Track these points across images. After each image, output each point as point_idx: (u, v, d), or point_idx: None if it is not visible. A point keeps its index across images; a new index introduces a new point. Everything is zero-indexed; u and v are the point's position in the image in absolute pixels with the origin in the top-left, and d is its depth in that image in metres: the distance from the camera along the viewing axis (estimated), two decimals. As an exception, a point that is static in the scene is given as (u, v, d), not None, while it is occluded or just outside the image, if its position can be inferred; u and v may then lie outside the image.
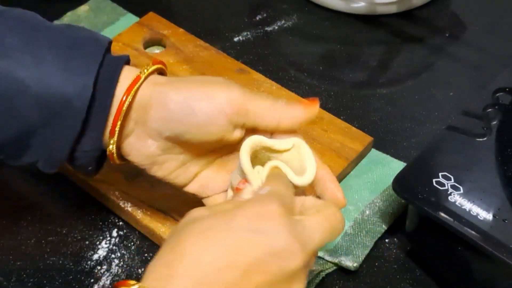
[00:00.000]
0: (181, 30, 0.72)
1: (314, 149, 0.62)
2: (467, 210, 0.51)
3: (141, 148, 0.50)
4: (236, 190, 0.48)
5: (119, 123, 0.48)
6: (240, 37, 0.76)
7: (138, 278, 0.42)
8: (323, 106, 0.66)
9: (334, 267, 0.57)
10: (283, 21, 0.78)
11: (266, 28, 0.77)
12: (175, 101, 0.48)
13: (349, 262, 0.56)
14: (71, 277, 0.56)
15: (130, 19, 0.76)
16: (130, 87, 0.48)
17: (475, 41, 0.76)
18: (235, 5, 0.80)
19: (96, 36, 0.50)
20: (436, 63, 0.74)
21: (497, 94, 0.59)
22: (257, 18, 0.78)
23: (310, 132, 0.63)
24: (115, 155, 0.50)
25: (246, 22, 0.78)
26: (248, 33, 0.76)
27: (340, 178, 0.61)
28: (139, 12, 0.76)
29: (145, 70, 0.49)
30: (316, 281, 0.56)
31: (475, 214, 0.50)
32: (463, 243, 0.50)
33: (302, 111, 0.49)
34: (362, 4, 0.77)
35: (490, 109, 0.58)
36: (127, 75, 0.49)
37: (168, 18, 0.73)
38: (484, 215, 0.50)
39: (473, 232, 0.50)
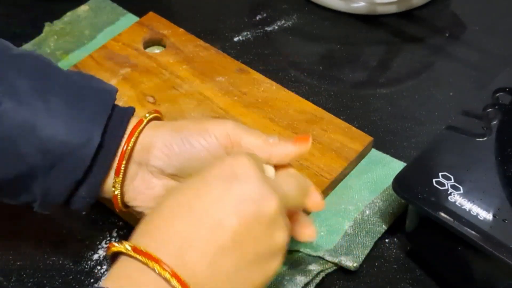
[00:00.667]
0: (181, 30, 0.72)
1: (314, 149, 0.62)
2: (467, 210, 0.51)
3: (147, 189, 0.51)
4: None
5: (124, 162, 0.50)
6: (240, 37, 0.76)
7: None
8: (323, 106, 0.66)
9: (334, 267, 0.57)
10: (283, 21, 0.78)
11: (266, 28, 0.77)
12: (176, 140, 0.50)
13: (349, 262, 0.56)
14: (71, 277, 0.56)
15: (130, 19, 0.76)
16: (133, 130, 0.50)
17: (475, 41, 0.76)
18: (235, 5, 0.80)
19: (105, 86, 0.52)
20: (436, 63, 0.74)
21: (497, 94, 0.59)
22: (257, 18, 0.78)
23: (310, 132, 0.63)
24: (119, 199, 0.51)
25: (246, 22, 0.78)
26: (248, 33, 0.76)
27: (340, 178, 0.62)
28: (139, 12, 0.76)
29: (147, 115, 0.52)
30: (316, 281, 0.56)
31: (475, 214, 0.50)
32: (463, 243, 0.50)
33: (293, 148, 0.51)
34: (362, 4, 0.77)
35: (490, 109, 0.58)
36: (132, 125, 0.51)
37: (168, 18, 0.73)
38: (484, 215, 0.50)
39: (473, 232, 0.50)
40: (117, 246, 0.43)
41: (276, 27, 0.77)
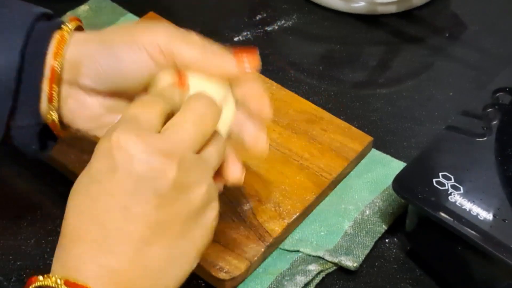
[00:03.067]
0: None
1: (314, 149, 0.62)
2: (467, 210, 0.51)
3: (83, 110, 0.48)
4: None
5: (55, 86, 0.47)
6: (240, 37, 0.76)
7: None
8: (323, 106, 0.66)
9: (334, 267, 0.57)
10: (283, 21, 0.78)
11: (266, 28, 0.77)
12: (103, 55, 0.47)
13: (349, 262, 0.56)
14: (71, 277, 0.56)
15: (130, 19, 0.76)
16: (58, 48, 0.47)
17: (475, 41, 0.76)
18: (235, 5, 0.80)
19: (27, 7, 0.48)
20: (436, 63, 0.74)
21: (497, 94, 0.59)
22: (257, 18, 0.78)
23: (310, 132, 0.64)
24: (58, 125, 0.48)
25: (246, 22, 0.78)
26: (248, 33, 0.76)
27: (340, 178, 0.62)
28: (139, 12, 0.76)
29: (68, 28, 0.48)
30: (316, 281, 0.56)
31: (475, 214, 0.50)
32: (463, 243, 0.50)
33: (234, 64, 0.46)
34: (362, 4, 0.77)
35: (490, 109, 0.58)
36: (56, 40, 0.48)
37: (168, 18, 0.73)
38: (484, 215, 0.50)
39: (473, 232, 0.50)
40: (43, 280, 0.40)
41: (276, 27, 0.77)
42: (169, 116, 0.44)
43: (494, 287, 0.52)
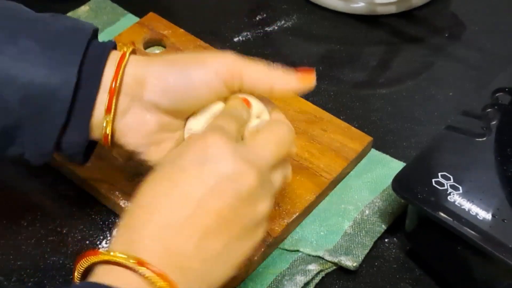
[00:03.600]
0: (181, 30, 0.72)
1: (314, 149, 0.63)
2: (467, 210, 0.51)
3: (139, 125, 0.49)
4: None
5: (114, 99, 0.48)
6: (240, 37, 0.76)
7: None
8: (323, 106, 0.66)
9: (334, 267, 0.57)
10: (283, 21, 0.78)
11: (266, 28, 0.77)
12: (173, 74, 0.49)
13: (349, 262, 0.56)
14: (71, 276, 0.56)
15: (130, 19, 0.76)
16: (119, 63, 0.48)
17: (474, 41, 0.76)
18: (235, 5, 0.80)
19: (80, 24, 0.50)
20: (436, 63, 0.74)
21: (497, 94, 0.59)
22: (257, 18, 0.78)
23: (310, 132, 0.64)
24: (109, 137, 0.49)
25: (246, 22, 0.78)
26: (248, 33, 0.76)
27: (340, 178, 0.62)
28: (140, 12, 0.76)
29: (127, 48, 0.50)
30: (315, 281, 0.56)
31: (474, 214, 0.50)
32: (463, 242, 0.50)
33: (297, 80, 0.50)
34: (361, 4, 0.77)
35: (489, 109, 0.58)
36: (113, 59, 0.49)
37: (168, 18, 0.73)
38: (484, 214, 0.50)
39: (473, 232, 0.50)
40: (107, 255, 0.41)
41: (276, 27, 0.77)
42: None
43: (493, 287, 0.52)
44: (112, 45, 0.50)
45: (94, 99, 0.48)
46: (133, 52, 0.51)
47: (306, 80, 0.50)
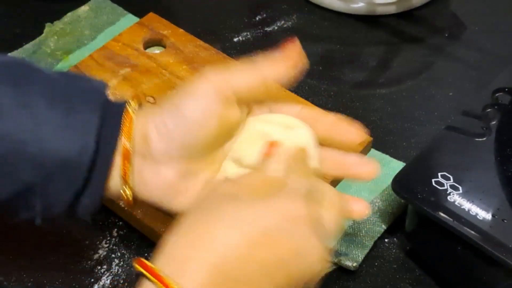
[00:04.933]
0: (181, 30, 0.72)
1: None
2: (466, 210, 0.51)
3: (158, 180, 0.48)
4: (266, 155, 0.48)
5: (128, 164, 0.47)
6: (240, 37, 0.76)
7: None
8: (323, 106, 0.66)
9: (334, 267, 0.57)
10: (282, 22, 0.78)
11: (266, 29, 0.77)
12: (167, 119, 0.47)
13: (349, 262, 0.56)
14: (71, 276, 0.56)
15: (130, 19, 0.76)
16: (129, 129, 0.47)
17: (474, 41, 0.76)
18: (235, 5, 0.81)
19: (93, 85, 0.48)
20: (436, 63, 0.74)
21: (497, 94, 0.59)
22: (257, 18, 0.78)
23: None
24: (131, 200, 0.48)
25: (246, 23, 0.78)
26: (248, 33, 0.76)
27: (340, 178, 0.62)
28: (139, 12, 0.76)
29: (133, 107, 0.48)
30: (315, 281, 0.56)
31: (474, 214, 0.51)
32: (463, 242, 0.50)
33: (285, 61, 0.48)
34: (361, 4, 0.77)
35: (489, 109, 0.58)
36: (125, 120, 0.48)
37: (168, 18, 0.73)
38: (483, 214, 0.50)
39: (473, 232, 0.50)
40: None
41: (276, 28, 0.77)
42: None
43: (493, 287, 0.52)
44: (124, 105, 0.48)
45: (110, 164, 0.47)
46: (140, 103, 0.49)
47: (293, 56, 0.48)
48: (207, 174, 0.49)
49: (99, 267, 0.57)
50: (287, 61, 0.48)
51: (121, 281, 0.56)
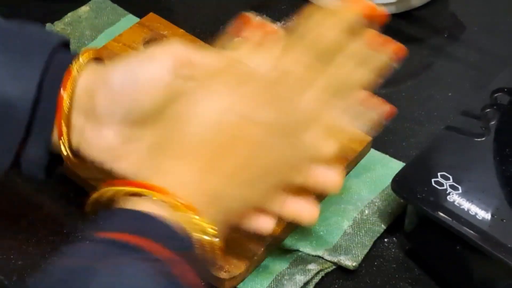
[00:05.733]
0: (181, 30, 0.72)
1: (313, 149, 0.62)
2: (466, 209, 0.51)
3: (98, 141, 0.47)
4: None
5: (63, 123, 0.46)
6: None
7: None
8: (322, 106, 0.66)
9: (333, 267, 0.57)
10: (282, 22, 0.78)
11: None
12: (117, 76, 0.46)
13: (348, 262, 0.56)
14: (71, 276, 0.56)
15: (131, 19, 0.76)
16: (65, 81, 0.46)
17: (474, 42, 0.76)
18: (235, 5, 0.80)
19: (47, 35, 0.48)
20: (435, 63, 0.74)
21: (496, 95, 0.59)
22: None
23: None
24: (71, 156, 0.48)
25: (246, 23, 0.78)
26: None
27: (340, 178, 0.62)
28: (140, 12, 0.76)
29: (77, 64, 0.47)
30: (315, 280, 0.56)
31: (473, 213, 0.51)
32: (462, 242, 0.50)
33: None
34: (361, 4, 0.77)
35: (488, 109, 0.58)
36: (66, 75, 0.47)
37: (168, 18, 0.73)
38: (483, 214, 0.51)
39: (472, 232, 0.50)
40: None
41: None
42: None
43: (493, 287, 0.52)
44: (73, 58, 0.47)
45: (52, 117, 0.46)
46: (98, 60, 0.48)
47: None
48: (149, 141, 0.47)
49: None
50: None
51: (122, 281, 0.56)
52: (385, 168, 0.63)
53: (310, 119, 0.46)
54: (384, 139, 0.66)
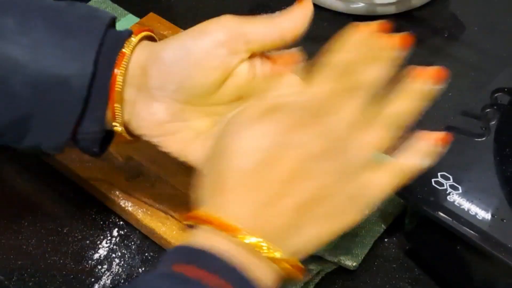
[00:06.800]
0: (182, 30, 0.72)
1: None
2: (466, 209, 0.51)
3: (149, 115, 0.47)
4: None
5: (117, 105, 0.47)
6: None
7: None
8: (322, 106, 0.66)
9: (334, 266, 0.57)
10: (282, 22, 0.78)
11: (266, 29, 0.77)
12: (170, 51, 0.47)
13: (349, 262, 0.56)
14: (71, 276, 0.56)
15: (131, 19, 0.76)
16: (120, 58, 0.47)
17: (474, 42, 0.76)
18: (235, 5, 0.81)
19: (96, 13, 0.49)
20: (435, 63, 0.74)
21: (496, 95, 0.59)
22: (257, 18, 0.78)
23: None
24: (125, 135, 0.48)
25: (246, 23, 0.78)
26: (248, 33, 0.76)
27: (340, 178, 0.62)
28: (140, 12, 0.76)
29: (133, 39, 0.48)
30: (315, 281, 0.56)
31: (473, 213, 0.51)
32: (462, 242, 0.50)
33: (301, 13, 0.48)
34: (361, 4, 0.77)
35: (488, 109, 0.58)
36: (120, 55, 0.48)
37: (168, 18, 0.73)
38: (483, 214, 0.51)
39: (472, 232, 0.50)
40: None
41: (276, 28, 0.77)
42: None
43: (493, 287, 0.52)
44: (128, 34, 0.48)
45: (107, 93, 0.47)
46: (150, 38, 0.49)
47: (306, 8, 0.49)
48: (199, 124, 0.48)
49: (99, 267, 0.57)
50: (302, 11, 0.49)
51: (122, 281, 0.56)
52: (385, 168, 0.63)
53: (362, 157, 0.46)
54: (384, 139, 0.66)
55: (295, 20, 0.48)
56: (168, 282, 0.38)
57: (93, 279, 0.56)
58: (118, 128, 0.48)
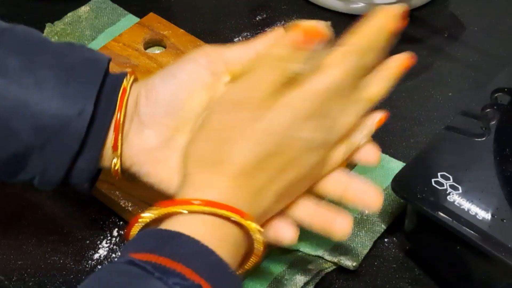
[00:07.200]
0: (181, 30, 0.72)
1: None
2: (466, 209, 0.51)
3: (140, 142, 0.49)
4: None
5: (119, 136, 0.49)
6: (240, 38, 0.76)
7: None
8: (322, 106, 0.66)
9: (334, 267, 0.57)
10: (282, 22, 0.78)
11: (266, 29, 0.77)
12: (157, 78, 0.50)
13: (349, 262, 0.56)
14: (72, 276, 0.56)
15: (131, 20, 0.76)
16: (120, 103, 0.49)
17: (474, 42, 0.76)
18: (235, 5, 0.81)
19: (96, 56, 0.50)
20: (435, 63, 0.75)
21: (496, 95, 0.59)
22: (257, 18, 0.79)
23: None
24: (118, 168, 0.50)
25: (246, 23, 0.78)
26: (248, 33, 0.77)
27: (340, 178, 0.62)
28: (140, 13, 0.76)
29: (128, 82, 0.50)
30: (315, 281, 0.56)
31: (473, 213, 0.51)
32: (462, 242, 0.51)
33: (274, 34, 0.50)
34: (361, 4, 0.77)
35: (488, 109, 0.58)
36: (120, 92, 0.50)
37: (168, 18, 0.73)
38: (483, 214, 0.51)
39: (472, 232, 0.50)
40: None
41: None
42: None
43: (492, 287, 0.52)
44: (124, 76, 0.50)
45: (106, 133, 0.49)
46: (135, 80, 0.51)
47: (278, 32, 0.50)
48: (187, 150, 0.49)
49: (100, 267, 0.57)
50: (275, 35, 0.50)
51: (122, 281, 0.56)
52: (385, 168, 0.63)
53: (345, 134, 0.50)
54: (384, 139, 0.66)
55: (268, 42, 0.50)
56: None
57: (93, 279, 0.56)
58: (117, 165, 0.50)
